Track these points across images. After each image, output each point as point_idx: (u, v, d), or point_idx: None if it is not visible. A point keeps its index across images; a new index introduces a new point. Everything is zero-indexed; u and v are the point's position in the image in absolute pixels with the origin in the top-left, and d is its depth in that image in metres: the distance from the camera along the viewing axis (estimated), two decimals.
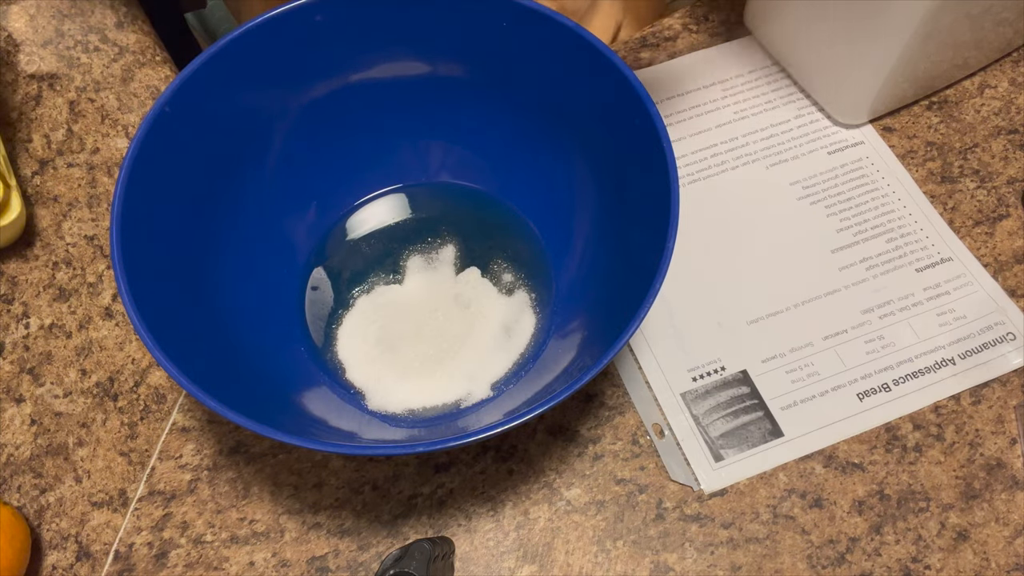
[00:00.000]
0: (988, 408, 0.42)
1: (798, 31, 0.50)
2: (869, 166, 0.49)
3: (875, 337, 0.44)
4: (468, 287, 0.43)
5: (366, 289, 0.43)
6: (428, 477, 0.40)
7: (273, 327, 0.41)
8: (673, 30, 0.54)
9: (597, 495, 0.40)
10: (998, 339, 0.43)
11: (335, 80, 0.41)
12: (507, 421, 0.30)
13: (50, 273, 0.46)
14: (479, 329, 0.42)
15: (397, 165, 0.46)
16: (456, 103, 0.43)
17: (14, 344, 0.44)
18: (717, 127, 0.51)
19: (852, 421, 0.41)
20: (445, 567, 0.34)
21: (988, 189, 0.48)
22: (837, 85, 0.49)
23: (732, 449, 0.41)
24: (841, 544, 0.39)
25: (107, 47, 0.52)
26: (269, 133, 0.41)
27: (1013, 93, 0.51)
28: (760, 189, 0.48)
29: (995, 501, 0.40)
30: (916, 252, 0.46)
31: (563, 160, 0.42)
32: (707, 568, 0.38)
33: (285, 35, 0.38)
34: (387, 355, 0.41)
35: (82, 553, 0.39)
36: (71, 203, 0.48)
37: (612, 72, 0.36)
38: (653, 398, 0.42)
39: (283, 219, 0.43)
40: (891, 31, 0.43)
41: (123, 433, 0.42)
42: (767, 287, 0.45)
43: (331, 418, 0.39)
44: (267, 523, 0.39)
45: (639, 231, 0.37)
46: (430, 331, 0.42)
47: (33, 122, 0.49)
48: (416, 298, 0.43)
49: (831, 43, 0.47)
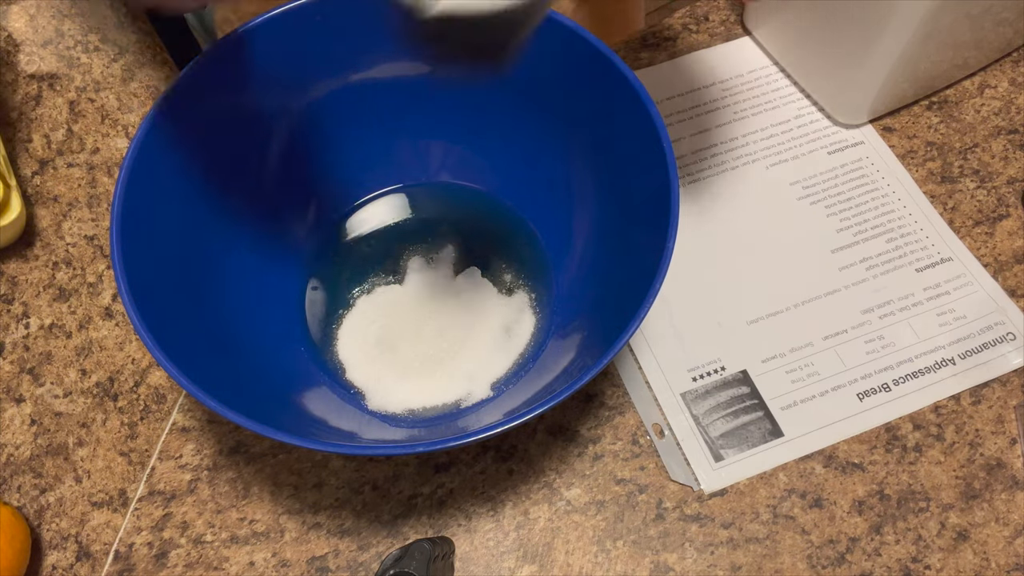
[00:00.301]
0: (988, 408, 0.42)
1: (798, 32, 0.50)
2: (869, 166, 0.49)
3: (875, 337, 0.44)
4: (468, 287, 0.43)
5: (366, 289, 0.43)
6: (428, 477, 0.40)
7: (273, 327, 0.41)
8: (673, 30, 0.54)
9: (597, 495, 0.40)
10: (998, 339, 0.43)
11: (335, 80, 0.41)
12: (507, 421, 0.30)
13: (50, 273, 0.46)
14: (479, 329, 0.42)
15: (397, 165, 0.46)
16: (456, 103, 0.43)
17: (14, 344, 0.44)
18: (717, 127, 0.51)
19: (852, 421, 0.41)
20: (445, 567, 0.34)
21: (988, 189, 0.48)
22: (837, 85, 0.49)
23: (732, 449, 0.41)
24: (841, 544, 0.39)
25: (107, 47, 0.52)
26: (269, 133, 0.41)
27: (1013, 93, 0.51)
28: (760, 189, 0.48)
29: (995, 501, 0.40)
30: (916, 252, 0.46)
31: (563, 160, 0.42)
32: (707, 568, 0.38)
33: (285, 35, 0.38)
34: (387, 355, 0.41)
35: (82, 553, 0.39)
36: (71, 203, 0.48)
37: (612, 72, 0.36)
38: (653, 398, 0.42)
39: (283, 219, 0.43)
40: (891, 31, 0.43)
41: (123, 433, 0.42)
42: (767, 287, 0.45)
43: (331, 418, 0.39)
44: (267, 523, 0.39)
45: (639, 231, 0.37)
46: (430, 331, 0.42)
47: (33, 122, 0.49)
48: (416, 298, 0.43)
49: (831, 43, 0.47)
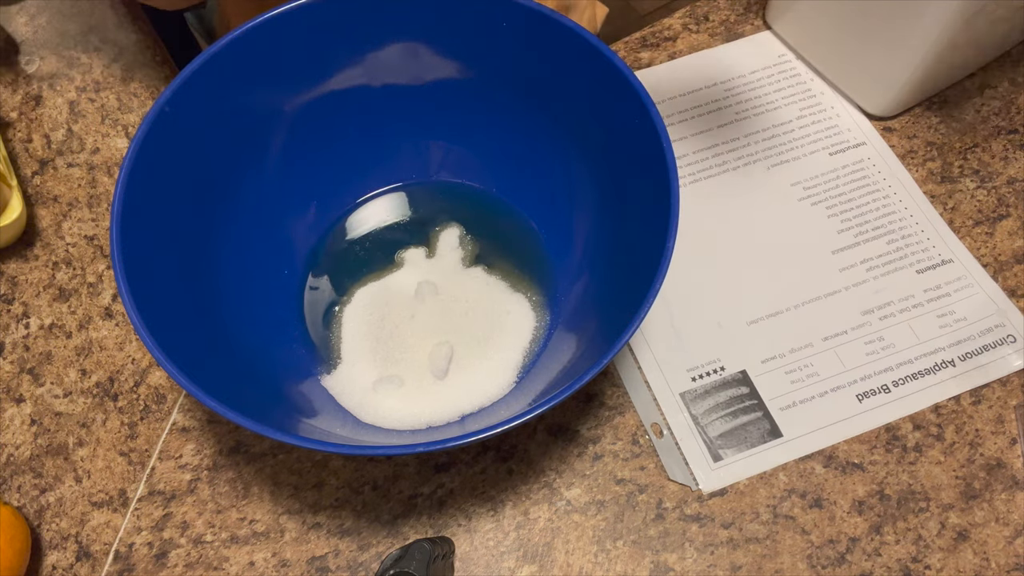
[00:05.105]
0: (988, 408, 0.42)
1: (827, 24, 0.49)
2: (871, 167, 0.49)
3: (875, 338, 0.43)
4: (468, 287, 0.43)
5: (366, 288, 0.43)
6: (428, 477, 0.40)
7: (273, 327, 0.41)
8: (673, 30, 0.54)
9: (597, 495, 0.40)
10: (998, 341, 0.43)
11: (335, 80, 0.41)
12: (507, 421, 0.30)
13: (50, 273, 0.46)
14: (479, 329, 0.42)
15: (397, 165, 0.46)
16: (456, 103, 0.43)
17: (14, 344, 0.44)
18: (718, 127, 0.51)
19: (851, 422, 0.41)
20: (445, 567, 0.34)
21: (988, 189, 0.48)
22: (870, 77, 0.49)
23: (731, 449, 0.41)
24: (841, 544, 0.39)
25: (107, 47, 0.52)
26: (269, 133, 0.41)
27: (1013, 93, 0.51)
28: (761, 190, 0.48)
29: (995, 501, 0.39)
30: (917, 254, 0.46)
31: (563, 160, 0.42)
32: (707, 568, 0.38)
33: (285, 35, 0.38)
34: (387, 354, 0.41)
35: (82, 553, 0.39)
36: (71, 203, 0.48)
37: (612, 72, 0.36)
38: (652, 398, 0.42)
39: (283, 219, 0.43)
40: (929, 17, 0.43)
41: (123, 433, 0.42)
42: (767, 288, 0.45)
43: (331, 418, 0.39)
44: (267, 523, 0.39)
45: (639, 231, 0.37)
46: (430, 331, 0.42)
47: (33, 122, 0.49)
48: (416, 298, 0.43)
49: (865, 34, 0.47)
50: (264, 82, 0.39)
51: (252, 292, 0.41)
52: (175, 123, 0.36)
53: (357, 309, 0.43)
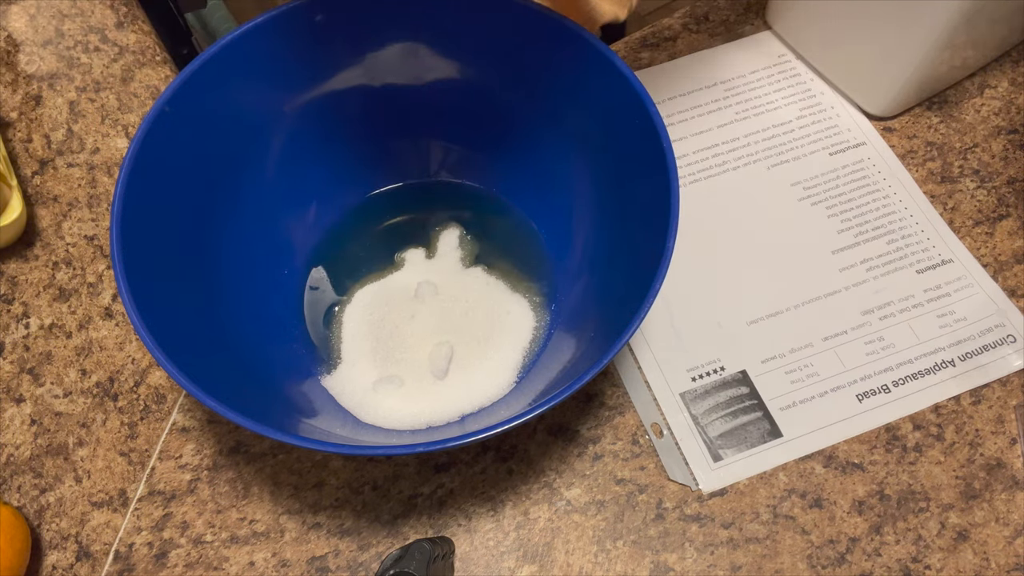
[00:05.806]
0: (988, 408, 0.42)
1: (828, 24, 0.49)
2: (871, 167, 0.49)
3: (875, 338, 0.43)
4: (468, 287, 0.43)
5: (366, 288, 0.43)
6: (428, 477, 0.40)
7: (273, 327, 0.41)
8: (673, 30, 0.54)
9: (597, 495, 0.40)
10: (998, 341, 0.43)
11: (335, 80, 0.41)
12: (507, 421, 0.30)
13: (50, 273, 0.46)
14: (479, 329, 0.42)
15: (397, 165, 0.46)
16: (456, 103, 0.43)
17: (14, 344, 0.44)
18: (719, 127, 0.51)
19: (851, 422, 0.41)
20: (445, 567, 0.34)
21: (988, 189, 0.48)
22: (870, 77, 0.49)
23: (731, 449, 0.41)
24: (841, 544, 0.39)
25: (107, 47, 0.52)
26: (269, 133, 0.41)
27: (1013, 93, 0.51)
28: (761, 190, 0.48)
29: (995, 501, 0.39)
30: (917, 254, 0.46)
31: (563, 160, 0.42)
32: (707, 568, 0.38)
33: (285, 35, 0.38)
34: (387, 353, 0.41)
35: (82, 553, 0.39)
36: (71, 203, 0.48)
37: (612, 72, 0.36)
38: (652, 398, 0.42)
39: (283, 219, 0.43)
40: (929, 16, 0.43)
41: (123, 433, 0.42)
42: (767, 288, 0.45)
43: (331, 418, 0.39)
44: (267, 523, 0.39)
45: (639, 231, 0.37)
46: (430, 331, 0.42)
47: (33, 122, 0.49)
48: (416, 298, 0.43)
49: (865, 34, 0.47)
50: (264, 82, 0.39)
51: (252, 292, 0.41)
52: (175, 123, 0.36)
53: (357, 309, 0.43)
